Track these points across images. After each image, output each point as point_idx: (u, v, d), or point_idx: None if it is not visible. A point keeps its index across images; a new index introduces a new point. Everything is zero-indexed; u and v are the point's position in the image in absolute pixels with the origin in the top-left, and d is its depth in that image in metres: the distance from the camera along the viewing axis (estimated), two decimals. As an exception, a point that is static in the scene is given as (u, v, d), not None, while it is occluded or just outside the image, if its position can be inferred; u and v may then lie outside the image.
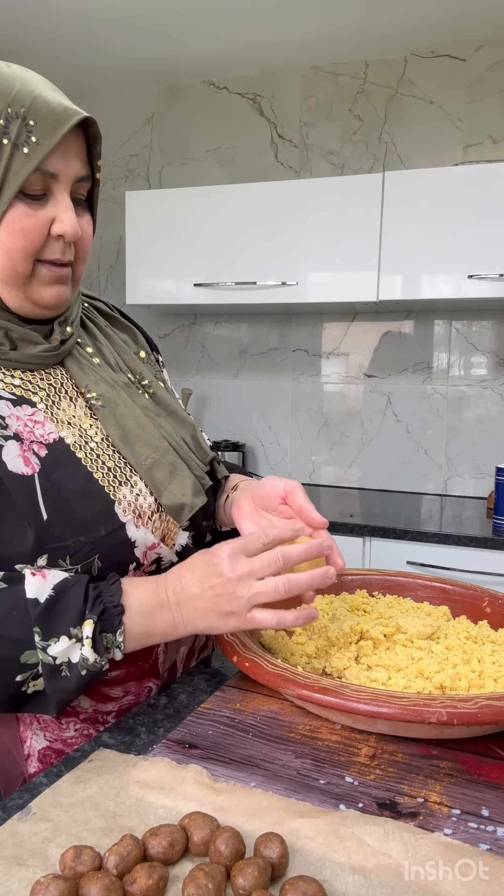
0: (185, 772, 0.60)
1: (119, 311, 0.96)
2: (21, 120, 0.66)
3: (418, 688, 0.71)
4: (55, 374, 0.80)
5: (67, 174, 0.70)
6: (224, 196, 2.30)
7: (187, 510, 0.80)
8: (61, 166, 0.69)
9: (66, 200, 0.71)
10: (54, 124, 0.67)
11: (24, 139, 0.66)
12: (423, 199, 2.08)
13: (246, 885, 0.46)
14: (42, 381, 0.78)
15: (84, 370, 0.81)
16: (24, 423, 0.74)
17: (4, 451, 0.71)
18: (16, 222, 0.69)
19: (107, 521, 0.74)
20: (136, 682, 0.81)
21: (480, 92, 2.35)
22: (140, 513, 0.78)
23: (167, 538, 0.82)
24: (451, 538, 1.92)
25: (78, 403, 0.79)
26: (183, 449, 0.85)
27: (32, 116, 0.66)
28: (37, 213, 0.69)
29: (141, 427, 0.81)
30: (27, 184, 0.68)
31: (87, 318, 0.88)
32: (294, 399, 2.69)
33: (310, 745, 0.67)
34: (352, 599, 0.93)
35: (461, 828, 0.55)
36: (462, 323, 2.44)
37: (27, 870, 0.49)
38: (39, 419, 0.75)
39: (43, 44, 2.42)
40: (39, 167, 0.67)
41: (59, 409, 0.77)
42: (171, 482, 0.80)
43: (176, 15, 2.19)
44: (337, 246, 2.18)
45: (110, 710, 0.80)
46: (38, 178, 0.68)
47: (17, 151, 0.66)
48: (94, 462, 0.76)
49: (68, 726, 0.78)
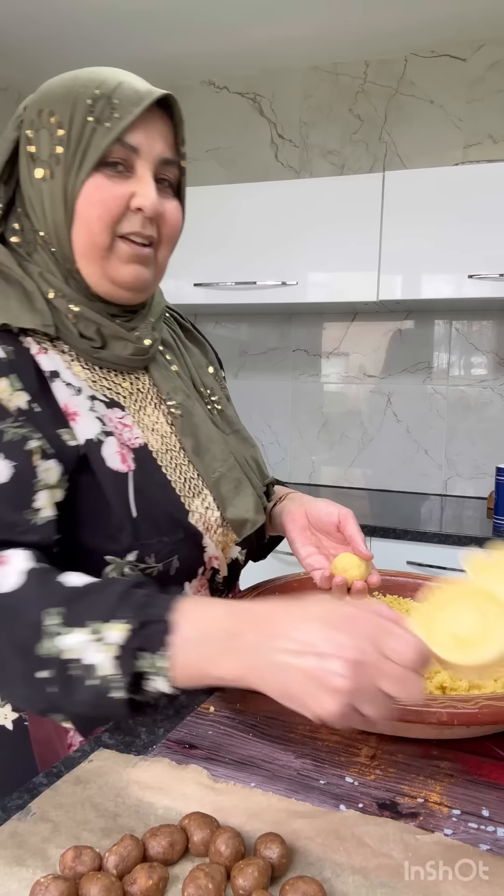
0: (185, 772, 0.60)
1: (192, 324, 0.97)
2: (106, 100, 0.69)
3: (418, 688, 0.71)
4: (141, 379, 0.81)
5: (150, 151, 0.72)
6: (224, 196, 2.30)
7: (249, 526, 0.82)
8: (143, 142, 0.71)
9: (149, 177, 0.72)
10: (136, 101, 0.69)
11: (107, 115, 0.69)
12: (423, 199, 2.08)
13: (246, 885, 0.46)
14: (130, 385, 0.79)
15: (165, 377, 0.82)
16: (115, 424, 0.75)
17: (105, 446, 0.72)
18: (94, 192, 0.70)
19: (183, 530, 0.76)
20: None
21: (481, 92, 2.35)
22: (208, 525, 0.80)
23: (225, 551, 0.84)
24: (452, 538, 1.92)
25: (161, 410, 0.81)
26: (247, 466, 0.86)
27: (117, 97, 0.69)
28: (116, 185, 0.71)
29: (211, 440, 0.83)
30: (106, 153, 0.69)
31: (166, 326, 0.90)
32: (294, 399, 2.69)
33: (310, 746, 0.67)
34: (352, 599, 0.94)
35: (461, 828, 0.55)
36: (462, 323, 2.44)
37: (27, 870, 0.48)
38: (128, 423, 0.76)
39: (43, 43, 2.42)
40: (120, 138, 0.69)
41: (145, 414, 0.79)
42: (236, 497, 0.82)
43: (176, 14, 2.19)
44: (337, 246, 2.18)
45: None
46: (119, 149, 0.70)
47: (100, 126, 0.69)
48: (173, 471, 0.78)
49: None
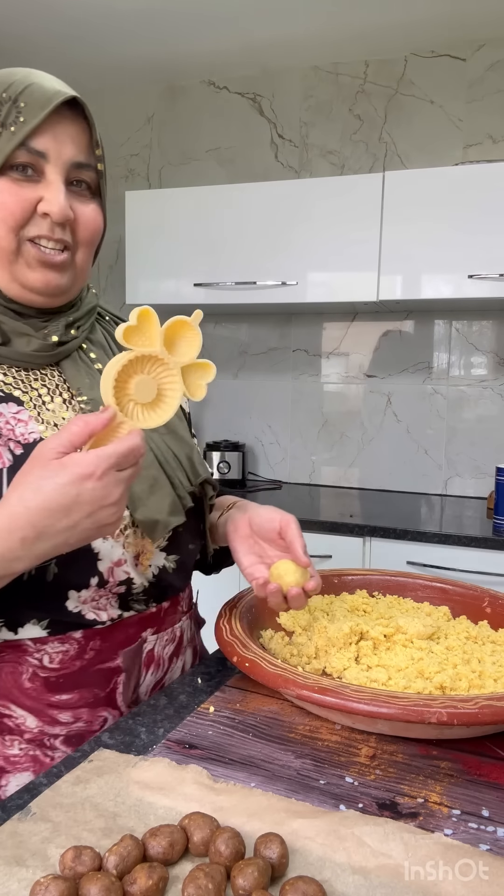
0: (185, 772, 0.60)
1: None
2: (12, 103, 0.69)
3: (418, 688, 0.71)
4: (51, 375, 0.79)
5: (59, 156, 0.71)
6: (224, 196, 2.30)
7: (161, 527, 0.78)
8: (51, 147, 0.70)
9: (58, 182, 0.71)
10: (42, 105, 0.69)
11: (12, 119, 0.69)
12: (423, 199, 2.08)
13: (246, 885, 0.46)
14: (36, 381, 0.77)
15: (81, 373, 0.79)
16: (6, 419, 0.73)
17: None
18: None
19: None
20: (88, 710, 0.77)
21: (480, 92, 2.35)
22: None
23: (142, 557, 0.79)
24: (451, 538, 1.92)
25: (72, 406, 0.78)
26: (170, 465, 0.82)
27: (24, 100, 0.69)
28: (22, 190, 0.70)
29: None
30: (10, 158, 0.69)
31: (102, 329, 0.87)
32: (294, 399, 2.69)
33: (310, 746, 0.67)
34: (352, 600, 0.93)
35: (461, 828, 0.55)
36: (462, 323, 2.44)
37: (27, 870, 0.48)
38: (24, 418, 0.74)
39: (43, 42, 2.42)
40: (25, 143, 0.69)
41: (48, 409, 0.76)
42: (150, 497, 0.78)
43: (176, 14, 2.19)
44: (337, 246, 2.18)
45: (58, 733, 0.75)
46: (24, 154, 0.69)
47: (5, 130, 0.69)
48: None
49: (12, 744, 0.74)
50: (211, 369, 0.68)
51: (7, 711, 0.75)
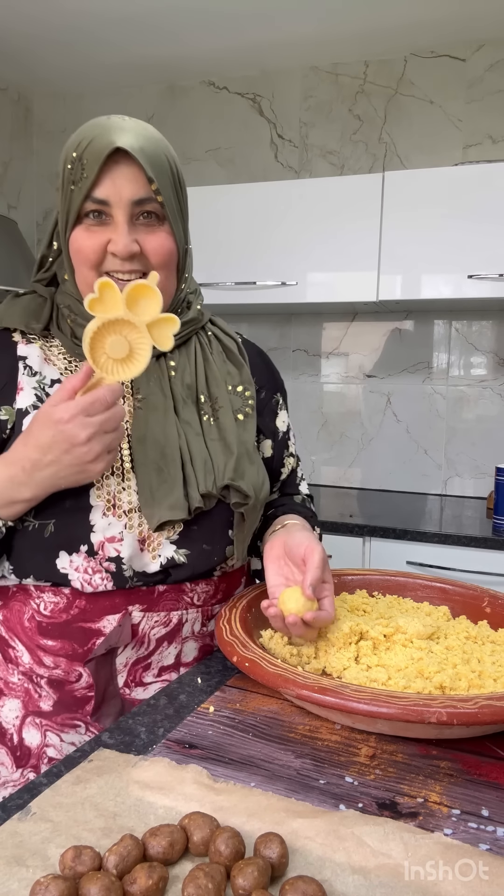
0: (185, 772, 0.60)
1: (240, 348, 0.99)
2: (78, 161, 0.80)
3: (418, 688, 0.71)
4: None
5: (120, 199, 0.80)
6: (224, 196, 2.30)
7: (155, 518, 0.82)
8: (111, 192, 0.80)
9: (122, 222, 0.80)
10: (97, 158, 0.78)
11: (78, 176, 0.80)
12: (423, 199, 2.08)
13: (246, 885, 0.46)
14: None
15: (147, 375, 0.87)
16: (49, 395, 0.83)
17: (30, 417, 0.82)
18: (74, 243, 0.83)
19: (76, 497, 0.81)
20: (66, 661, 0.85)
21: (480, 92, 2.35)
22: (116, 503, 0.82)
23: (147, 544, 0.84)
24: (451, 538, 1.92)
25: (127, 402, 0.87)
26: (195, 466, 0.85)
27: (86, 157, 0.79)
28: (94, 235, 0.81)
29: (165, 435, 0.85)
30: (81, 209, 0.81)
31: (198, 341, 0.94)
32: (294, 399, 2.68)
33: (310, 745, 0.67)
34: (351, 599, 0.93)
35: (461, 828, 0.55)
36: (462, 323, 2.44)
37: (27, 870, 0.48)
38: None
39: (43, 43, 2.42)
40: (89, 195, 0.80)
41: None
42: (158, 488, 0.83)
43: (176, 15, 2.19)
44: (337, 246, 2.18)
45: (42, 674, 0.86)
46: (91, 204, 0.80)
47: (75, 187, 0.80)
48: None
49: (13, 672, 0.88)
50: (174, 321, 0.75)
51: (12, 643, 0.88)
